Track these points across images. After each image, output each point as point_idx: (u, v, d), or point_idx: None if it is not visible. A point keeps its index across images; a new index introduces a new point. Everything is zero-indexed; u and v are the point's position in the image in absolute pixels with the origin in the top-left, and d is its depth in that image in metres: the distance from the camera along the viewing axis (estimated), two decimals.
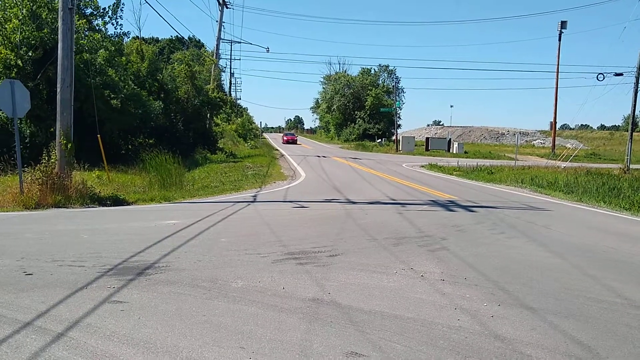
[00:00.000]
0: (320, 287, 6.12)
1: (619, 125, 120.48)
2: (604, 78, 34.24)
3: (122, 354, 4.12)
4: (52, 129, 14.31)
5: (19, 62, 19.14)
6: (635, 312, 5.62)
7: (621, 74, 32.88)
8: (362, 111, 76.70)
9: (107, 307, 5.20)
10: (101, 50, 22.90)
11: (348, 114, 79.81)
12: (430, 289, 6.21)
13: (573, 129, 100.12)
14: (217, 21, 39.74)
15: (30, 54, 19.75)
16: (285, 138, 69.83)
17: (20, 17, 19.53)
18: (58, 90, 12.89)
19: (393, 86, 74.56)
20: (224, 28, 50.35)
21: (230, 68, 63.24)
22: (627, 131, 33.05)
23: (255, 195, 15.33)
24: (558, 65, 50.62)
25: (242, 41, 65.27)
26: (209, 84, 34.65)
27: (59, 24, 12.99)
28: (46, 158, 12.63)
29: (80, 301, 5.32)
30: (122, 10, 26.04)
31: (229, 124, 54.26)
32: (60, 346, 4.23)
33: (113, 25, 27.92)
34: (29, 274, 6.23)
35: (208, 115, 34.85)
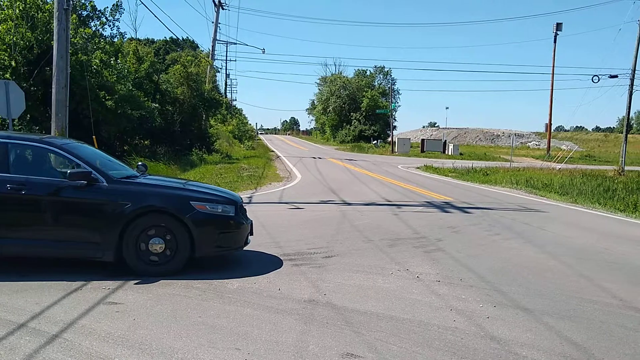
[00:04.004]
0: (316, 288, 6.12)
1: (613, 127, 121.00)
2: (598, 80, 34.38)
3: (117, 356, 4.10)
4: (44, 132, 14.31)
5: (13, 63, 19.05)
6: (631, 313, 5.64)
7: (616, 76, 33.01)
8: (357, 113, 76.70)
9: (102, 308, 5.18)
10: (97, 52, 22.83)
11: (344, 116, 79.77)
12: (426, 290, 6.22)
13: (568, 130, 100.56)
14: (212, 22, 39.85)
15: (24, 55, 19.67)
16: None
17: (14, 18, 19.45)
18: (53, 91, 12.85)
19: (389, 88, 74.57)
20: (220, 29, 50.38)
21: (226, 69, 63.31)
22: (622, 133, 33.18)
23: (250, 197, 15.29)
24: (553, 67, 51.00)
25: (237, 42, 65.48)
26: (205, 85, 34.59)
27: (54, 24, 12.94)
28: None
29: (75, 302, 5.30)
30: (120, 13, 25.92)
31: (224, 125, 54.15)
32: (55, 348, 4.21)
33: (110, 27, 27.81)
34: (23, 275, 6.21)
35: (204, 116, 34.79)
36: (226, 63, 74.24)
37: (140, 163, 8.16)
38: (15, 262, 6.71)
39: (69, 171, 6.27)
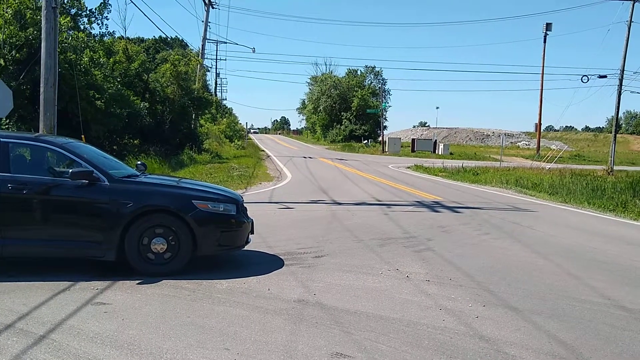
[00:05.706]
0: (305, 288, 6.11)
1: (602, 127, 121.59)
2: (588, 80, 34.67)
3: (105, 356, 4.08)
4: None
5: (2, 61, 18.91)
6: (619, 312, 5.67)
7: (605, 76, 33.29)
8: (348, 112, 76.75)
9: (90, 308, 5.15)
10: (86, 50, 22.70)
11: (334, 115, 79.79)
12: (416, 289, 6.23)
13: (558, 130, 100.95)
14: (202, 21, 39.63)
15: (13, 54, 19.53)
16: None
17: (5, 16, 19.30)
18: (41, 90, 12.75)
19: (379, 87, 74.67)
20: (210, 28, 50.23)
21: (216, 68, 63.04)
22: (611, 133, 33.41)
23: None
24: (543, 67, 51.10)
25: (227, 41, 65.20)
26: (195, 84, 34.47)
27: (43, 23, 12.85)
28: None
29: (63, 303, 5.26)
30: (109, 11, 25.77)
31: (214, 124, 53.96)
32: (43, 348, 4.18)
33: (99, 25, 27.54)
34: (10, 276, 6.16)
35: (194, 115, 34.68)
36: (216, 62, 73.94)
37: (139, 162, 8.14)
38: (2, 263, 6.66)
39: (70, 170, 6.23)
